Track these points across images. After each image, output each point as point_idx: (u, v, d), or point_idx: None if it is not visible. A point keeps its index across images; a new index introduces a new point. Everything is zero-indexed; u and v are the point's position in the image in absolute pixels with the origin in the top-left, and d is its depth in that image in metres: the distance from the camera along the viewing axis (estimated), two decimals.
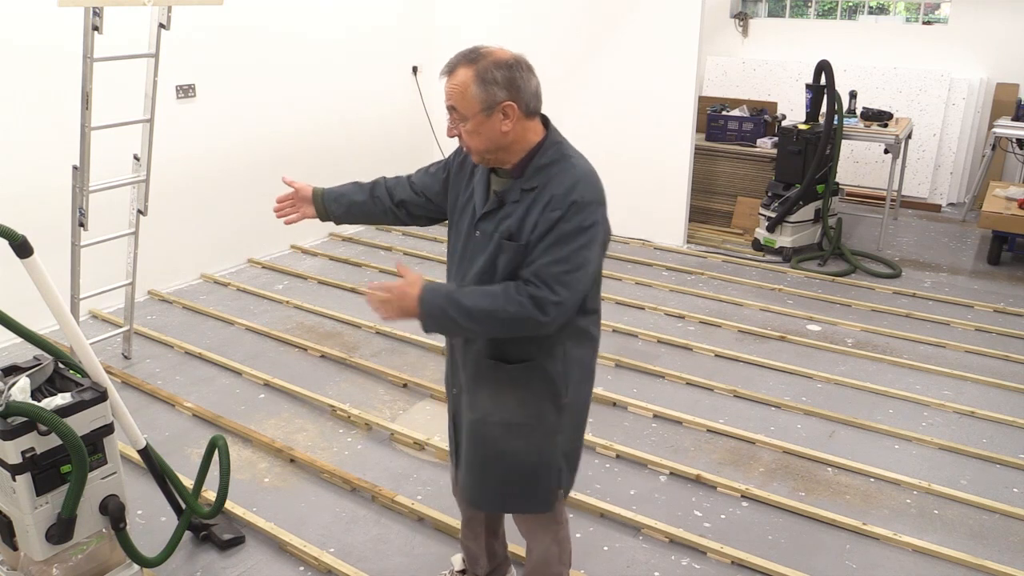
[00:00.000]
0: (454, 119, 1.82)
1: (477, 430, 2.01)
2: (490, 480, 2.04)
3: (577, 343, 1.94)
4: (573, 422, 2.02)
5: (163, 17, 3.42)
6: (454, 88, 1.78)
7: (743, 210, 6.28)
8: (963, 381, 3.96)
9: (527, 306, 1.75)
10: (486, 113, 1.78)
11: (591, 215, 1.78)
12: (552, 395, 1.93)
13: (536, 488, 2.02)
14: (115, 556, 2.33)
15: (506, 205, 1.86)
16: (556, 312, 1.76)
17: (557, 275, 1.75)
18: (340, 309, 4.71)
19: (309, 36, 5.57)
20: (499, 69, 1.77)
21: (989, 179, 6.51)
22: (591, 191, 1.80)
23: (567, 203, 1.76)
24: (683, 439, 3.44)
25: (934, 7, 7.51)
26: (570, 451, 2.05)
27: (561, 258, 1.75)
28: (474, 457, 2.04)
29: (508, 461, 1.99)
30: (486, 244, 1.88)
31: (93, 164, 3.50)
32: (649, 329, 4.48)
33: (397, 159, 6.59)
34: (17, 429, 1.99)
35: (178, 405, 3.65)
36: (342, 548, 2.75)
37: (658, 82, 5.71)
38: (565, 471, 2.04)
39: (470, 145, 1.83)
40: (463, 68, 1.78)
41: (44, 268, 2.09)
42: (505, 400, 1.94)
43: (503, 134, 1.80)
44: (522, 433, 1.96)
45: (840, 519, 2.88)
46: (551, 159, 1.84)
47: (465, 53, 1.81)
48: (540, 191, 1.81)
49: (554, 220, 1.76)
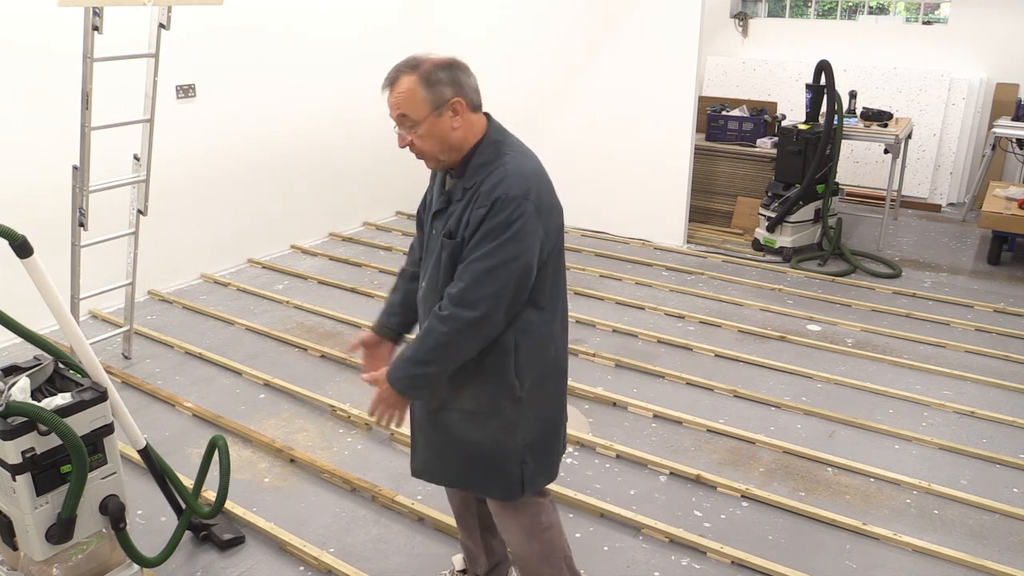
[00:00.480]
0: (405, 127, 1.86)
1: (437, 417, 2.05)
2: (452, 461, 2.09)
3: (530, 339, 1.95)
4: (535, 416, 2.03)
5: (163, 17, 3.42)
6: (401, 96, 1.83)
7: (743, 210, 6.28)
8: (963, 381, 3.96)
9: (457, 315, 1.81)
10: (436, 113, 1.83)
11: (516, 210, 1.81)
12: (506, 388, 1.96)
13: (497, 475, 2.04)
14: (115, 556, 2.33)
15: (452, 204, 1.92)
16: (487, 304, 1.80)
17: (480, 270, 1.80)
18: (340, 309, 4.71)
19: (309, 36, 5.57)
20: (441, 70, 1.84)
21: (989, 179, 6.51)
22: (516, 187, 1.83)
23: (491, 199, 1.81)
24: (683, 439, 3.44)
25: (934, 7, 7.51)
26: (535, 444, 2.05)
27: (486, 253, 1.80)
28: (439, 442, 2.09)
29: (467, 447, 2.04)
30: (437, 241, 1.95)
31: (93, 164, 3.50)
32: (649, 329, 4.48)
33: (397, 159, 6.56)
34: (17, 429, 1.99)
35: (178, 405, 3.65)
36: (342, 548, 2.75)
37: (658, 82, 5.71)
38: (530, 464, 2.04)
39: (424, 150, 1.88)
40: (405, 76, 1.83)
41: (44, 268, 2.09)
42: (462, 390, 1.98)
43: (453, 131, 1.86)
44: (477, 421, 2.00)
45: (840, 519, 2.88)
46: (488, 158, 1.88)
47: (403, 63, 1.86)
48: (475, 189, 1.86)
49: (480, 217, 1.82)
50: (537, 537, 2.16)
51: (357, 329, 4.48)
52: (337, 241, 6.09)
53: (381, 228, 6.37)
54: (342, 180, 6.14)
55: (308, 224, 5.98)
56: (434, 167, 1.95)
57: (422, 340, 1.88)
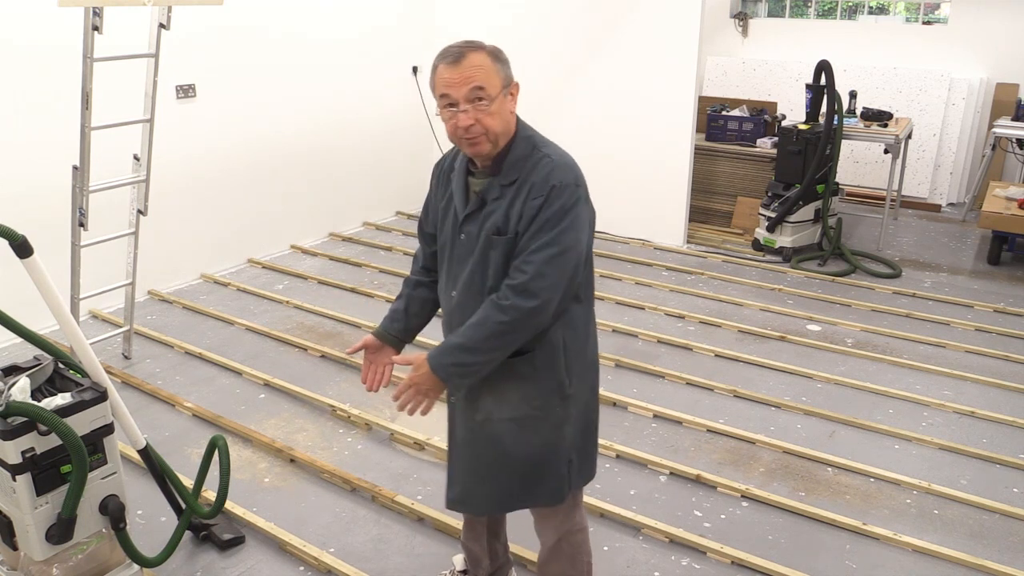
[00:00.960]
0: (476, 102, 1.78)
1: (483, 431, 2.00)
2: (499, 480, 2.04)
3: (574, 334, 1.95)
4: (579, 412, 2.03)
5: (163, 17, 3.42)
6: (477, 69, 1.77)
7: (743, 210, 6.28)
8: (963, 381, 3.96)
9: (518, 305, 1.78)
10: (504, 92, 1.82)
11: (571, 197, 1.81)
12: (557, 386, 1.94)
13: (546, 480, 2.02)
14: (115, 556, 2.33)
15: (488, 204, 1.89)
16: (547, 294, 1.79)
17: (544, 259, 1.79)
18: (340, 309, 4.71)
19: (309, 36, 5.57)
20: (502, 53, 1.84)
21: (989, 179, 6.51)
22: (568, 175, 1.84)
23: (547, 188, 1.80)
24: (683, 439, 3.44)
25: (934, 7, 7.50)
26: (580, 443, 2.05)
27: (546, 242, 1.79)
28: (480, 460, 2.04)
29: (517, 456, 1.99)
30: (472, 245, 1.91)
31: (93, 164, 3.50)
32: (649, 329, 4.48)
33: (397, 159, 6.60)
34: (17, 429, 1.99)
35: (178, 405, 3.65)
36: (342, 548, 2.75)
37: (658, 82, 5.71)
38: (575, 463, 2.04)
39: (490, 128, 1.80)
40: (473, 52, 1.79)
41: (44, 268, 2.09)
42: (509, 397, 1.95)
43: (511, 115, 1.86)
44: (528, 427, 1.97)
45: (840, 519, 2.88)
46: (524, 153, 1.87)
47: (463, 42, 1.82)
48: (521, 183, 1.84)
49: (537, 207, 1.80)
50: (568, 539, 2.16)
51: (357, 329, 4.48)
52: (337, 241, 6.09)
53: (381, 228, 6.37)
54: (342, 180, 6.14)
55: (308, 224, 5.98)
56: (487, 153, 1.84)
57: (476, 328, 1.82)
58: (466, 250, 1.93)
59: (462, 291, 1.95)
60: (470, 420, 2.02)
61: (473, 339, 1.82)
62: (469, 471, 2.07)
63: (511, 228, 1.84)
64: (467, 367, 1.85)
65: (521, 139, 1.89)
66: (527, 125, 1.94)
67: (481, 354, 1.83)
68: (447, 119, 1.83)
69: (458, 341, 1.85)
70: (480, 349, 1.83)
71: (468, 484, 2.09)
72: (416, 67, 6.52)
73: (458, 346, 1.84)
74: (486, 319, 1.81)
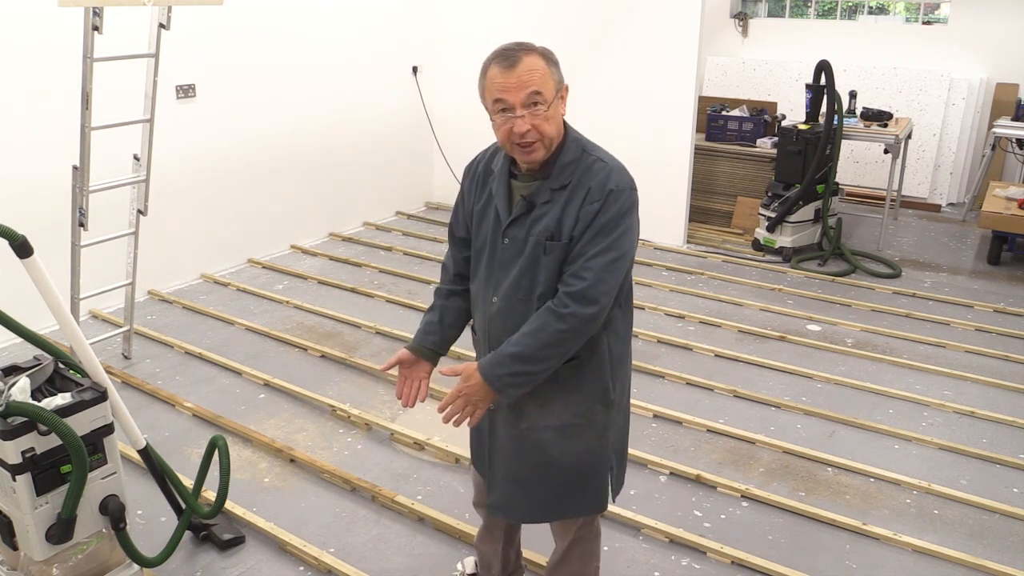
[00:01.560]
0: (534, 107, 1.74)
1: (527, 438, 1.97)
2: (541, 488, 2.00)
3: (617, 340, 1.94)
4: (622, 419, 2.03)
5: (163, 17, 3.42)
6: (535, 73, 1.73)
7: (743, 210, 6.28)
8: (963, 381, 3.96)
9: (577, 312, 1.74)
10: (558, 96, 1.80)
11: (627, 201, 1.79)
12: (602, 392, 1.93)
13: (588, 489, 2.00)
14: (115, 556, 2.33)
15: (536, 208, 1.84)
16: (605, 300, 1.77)
17: (603, 264, 1.76)
18: (340, 309, 4.71)
19: (309, 36, 5.57)
20: (553, 54, 1.81)
21: (989, 179, 6.51)
22: (624, 178, 1.82)
23: (605, 192, 1.77)
24: (683, 439, 3.44)
25: (934, 7, 7.51)
26: (619, 448, 2.05)
27: (605, 247, 1.76)
28: (522, 467, 2.00)
29: (560, 464, 1.97)
30: (519, 250, 1.85)
31: (93, 164, 3.50)
32: (649, 329, 4.48)
33: (397, 159, 6.60)
34: (17, 429, 1.99)
35: (178, 405, 3.65)
36: (342, 548, 2.75)
37: (658, 82, 5.71)
38: (615, 469, 2.04)
39: (546, 133, 1.76)
40: (527, 56, 1.74)
41: (44, 268, 2.09)
42: (552, 405, 1.92)
43: (562, 117, 1.83)
44: (572, 435, 1.94)
45: (840, 519, 2.88)
46: (574, 156, 1.83)
47: (514, 44, 1.78)
48: (573, 187, 1.80)
49: (594, 212, 1.77)
50: (583, 543, 2.16)
51: (357, 329, 4.48)
52: (337, 241, 6.09)
53: (381, 228, 6.37)
54: (342, 180, 6.14)
55: (308, 224, 5.98)
56: (540, 158, 1.80)
57: (533, 336, 1.77)
58: (511, 255, 1.87)
59: (506, 297, 1.89)
60: (513, 428, 1.98)
61: (530, 347, 1.77)
62: (510, 479, 2.03)
63: (565, 233, 1.79)
64: (523, 376, 1.80)
65: (571, 142, 1.85)
66: (572, 127, 1.90)
67: (538, 363, 1.78)
68: (500, 124, 1.77)
69: (513, 351, 1.79)
70: (537, 358, 1.78)
71: (508, 491, 2.05)
72: (416, 67, 6.52)
73: (514, 356, 1.78)
74: (543, 327, 1.76)
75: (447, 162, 6.70)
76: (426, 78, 6.58)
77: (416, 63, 6.52)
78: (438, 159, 6.80)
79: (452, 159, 6.65)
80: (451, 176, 6.70)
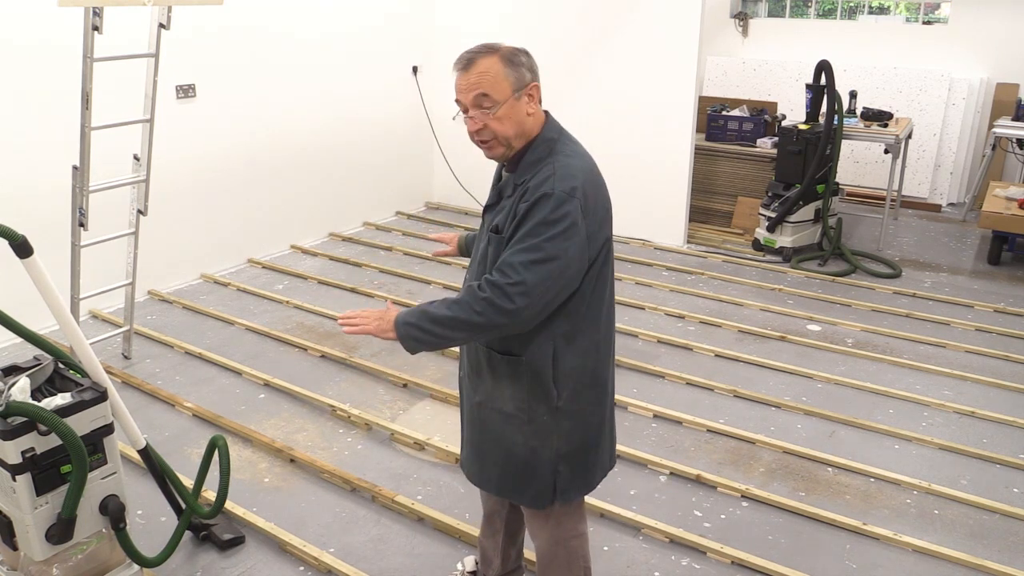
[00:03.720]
0: (482, 108, 1.82)
1: (479, 413, 2.05)
2: (488, 462, 2.08)
3: (572, 349, 1.92)
4: (574, 427, 2.00)
5: (163, 17, 3.42)
6: (483, 76, 1.81)
7: (743, 210, 6.28)
8: (963, 381, 3.96)
9: (492, 299, 1.77)
10: (516, 95, 1.83)
11: (560, 208, 1.78)
12: (543, 396, 1.94)
13: (529, 482, 2.02)
14: (115, 556, 2.33)
15: (502, 199, 1.92)
16: (522, 300, 1.76)
17: (521, 262, 1.77)
18: (340, 309, 4.71)
19: (309, 36, 5.57)
20: (521, 54, 1.86)
21: (989, 179, 6.51)
22: (563, 184, 1.80)
23: (536, 195, 1.80)
24: (683, 439, 3.44)
25: (934, 7, 7.51)
26: (570, 455, 2.01)
27: (526, 247, 1.78)
28: (478, 438, 2.09)
29: (503, 447, 2.03)
30: (484, 236, 1.96)
31: (93, 164, 3.50)
32: (649, 329, 4.48)
33: (397, 159, 6.60)
34: (17, 429, 1.99)
35: (178, 405, 3.65)
36: (342, 548, 2.75)
37: (658, 82, 5.71)
38: (564, 474, 2.02)
39: (499, 132, 1.84)
40: (484, 58, 1.82)
41: (44, 268, 2.09)
42: (501, 389, 1.98)
43: (528, 116, 1.87)
44: (514, 424, 1.99)
45: (840, 519, 2.88)
46: (540, 155, 1.88)
47: (478, 47, 1.85)
48: (524, 186, 1.85)
49: (524, 211, 1.81)
50: (563, 544, 2.16)
51: None
52: (337, 241, 6.09)
53: (381, 228, 6.37)
54: (342, 180, 6.14)
55: (308, 224, 5.98)
56: (501, 155, 1.90)
57: (450, 306, 1.82)
58: (480, 240, 2.00)
59: (469, 278, 2.03)
60: (471, 398, 2.08)
61: (441, 312, 1.82)
62: (470, 443, 2.14)
63: (506, 228, 1.85)
64: (422, 333, 1.84)
65: (542, 141, 1.89)
66: (557, 127, 1.93)
67: (442, 329, 1.82)
68: (465, 122, 1.88)
69: (426, 308, 1.86)
70: (443, 324, 1.82)
71: (468, 454, 2.16)
72: (416, 67, 6.52)
73: (427, 314, 1.84)
74: (461, 304, 1.81)
75: (447, 162, 6.70)
76: (426, 78, 6.58)
77: (416, 63, 6.52)
78: (438, 159, 6.80)
79: (452, 159, 6.65)
80: (451, 176, 6.70)
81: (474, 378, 2.05)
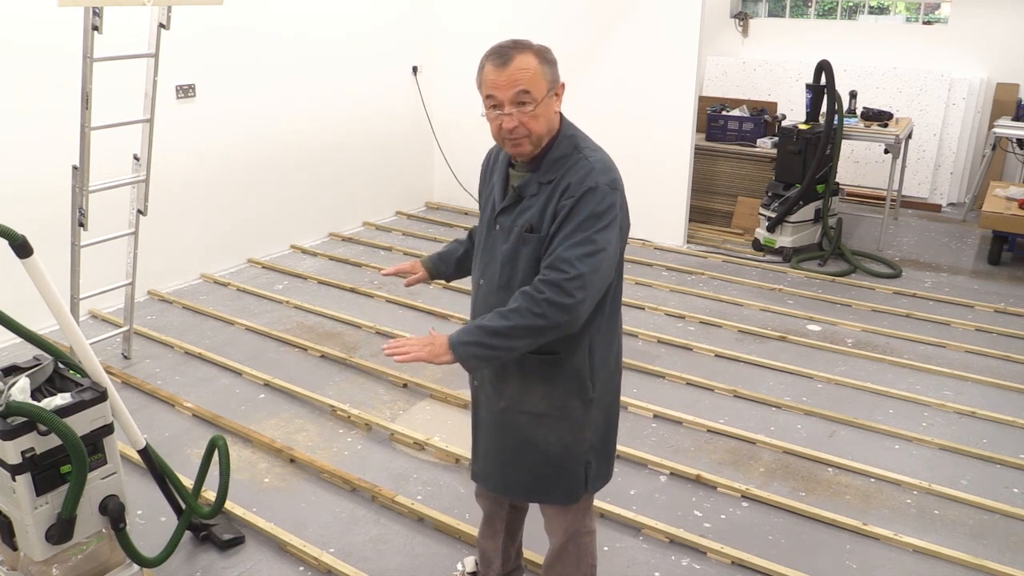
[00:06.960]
0: (520, 105, 1.79)
1: (504, 418, 2.02)
2: (516, 468, 2.05)
3: (601, 339, 1.95)
4: (603, 418, 2.03)
5: (163, 17, 3.42)
6: (524, 72, 1.78)
7: (743, 210, 6.28)
8: (963, 381, 3.96)
9: (552, 298, 1.75)
10: (550, 94, 1.83)
11: (606, 199, 1.80)
12: (579, 390, 1.95)
13: (561, 479, 2.02)
14: (115, 556, 2.33)
15: (524, 199, 1.89)
16: (581, 294, 1.76)
17: (576, 256, 1.76)
18: (340, 309, 4.71)
19: (309, 36, 5.57)
20: (549, 52, 1.85)
21: (989, 179, 6.51)
22: (604, 177, 1.82)
23: (581, 190, 1.79)
24: (683, 439, 3.44)
25: (934, 7, 7.51)
26: (598, 445, 2.05)
27: (578, 241, 1.77)
28: (501, 445, 2.06)
29: (534, 449, 2.00)
30: (505, 238, 1.92)
31: (93, 164, 3.50)
32: (649, 329, 4.48)
33: (397, 159, 6.60)
34: (17, 429, 1.99)
35: (178, 405, 3.65)
36: (342, 548, 2.74)
37: (658, 82, 5.71)
38: (593, 465, 2.05)
39: (534, 130, 1.82)
40: (521, 54, 1.79)
41: (44, 268, 2.09)
42: (532, 391, 1.96)
43: (555, 115, 1.87)
44: (546, 424, 1.98)
45: (840, 519, 2.88)
46: (564, 152, 1.87)
47: (508, 42, 1.82)
48: (557, 183, 1.84)
49: (570, 207, 1.79)
50: (576, 540, 2.17)
51: (357, 329, 4.48)
52: (337, 241, 6.08)
53: (381, 228, 6.37)
54: (342, 180, 6.13)
55: (308, 224, 5.98)
56: (528, 153, 1.86)
57: (506, 316, 1.78)
58: (498, 242, 1.94)
59: (489, 281, 1.96)
60: (493, 406, 2.04)
61: (500, 325, 1.78)
62: (491, 452, 2.10)
63: (544, 227, 1.83)
64: (485, 350, 1.79)
65: (564, 138, 1.89)
66: (571, 124, 1.94)
67: (504, 341, 1.78)
68: (492, 119, 1.83)
69: (483, 323, 1.80)
70: (504, 335, 1.77)
71: (488, 464, 2.13)
72: (416, 67, 6.52)
73: (486, 329, 1.79)
74: (519, 311, 1.77)
75: (447, 162, 6.70)
76: (426, 78, 6.58)
77: (416, 63, 6.52)
78: (438, 159, 6.80)
79: (452, 159, 6.65)
80: (451, 176, 6.70)
81: (498, 384, 2.01)
